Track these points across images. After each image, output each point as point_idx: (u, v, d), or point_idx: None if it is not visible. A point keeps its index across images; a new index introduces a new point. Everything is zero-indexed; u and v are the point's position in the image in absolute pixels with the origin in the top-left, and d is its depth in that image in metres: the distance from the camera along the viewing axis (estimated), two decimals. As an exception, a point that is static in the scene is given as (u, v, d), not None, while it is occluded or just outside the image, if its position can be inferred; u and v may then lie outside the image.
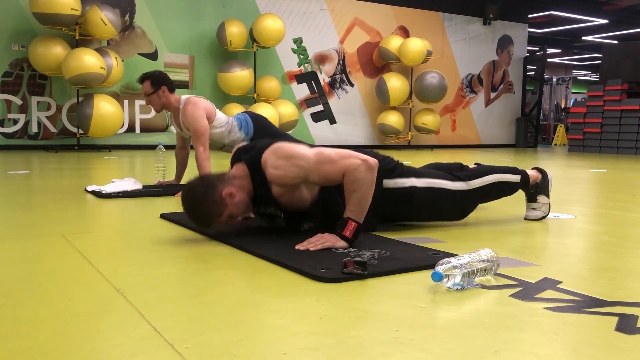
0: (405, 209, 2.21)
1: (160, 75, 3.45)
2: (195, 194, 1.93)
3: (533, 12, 14.43)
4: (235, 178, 1.98)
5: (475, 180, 2.30)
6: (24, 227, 2.24)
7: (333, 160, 1.89)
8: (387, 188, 2.15)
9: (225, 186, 1.93)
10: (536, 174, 2.51)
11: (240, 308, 1.25)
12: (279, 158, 1.91)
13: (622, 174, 5.55)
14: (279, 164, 1.90)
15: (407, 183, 2.18)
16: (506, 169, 2.41)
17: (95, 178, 4.35)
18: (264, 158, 1.93)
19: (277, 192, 1.95)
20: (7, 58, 8.24)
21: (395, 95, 10.53)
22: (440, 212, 2.30)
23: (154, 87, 3.40)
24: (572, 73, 25.28)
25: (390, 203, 2.17)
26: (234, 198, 1.94)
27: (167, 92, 3.42)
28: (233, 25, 9.11)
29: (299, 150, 1.93)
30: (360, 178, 1.84)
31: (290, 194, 1.96)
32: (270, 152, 1.93)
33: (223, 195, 1.91)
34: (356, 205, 1.85)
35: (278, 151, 1.93)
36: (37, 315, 1.19)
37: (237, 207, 1.96)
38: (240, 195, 1.96)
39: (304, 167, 1.89)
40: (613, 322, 1.18)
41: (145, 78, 3.42)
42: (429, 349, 1.03)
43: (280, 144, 1.97)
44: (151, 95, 3.41)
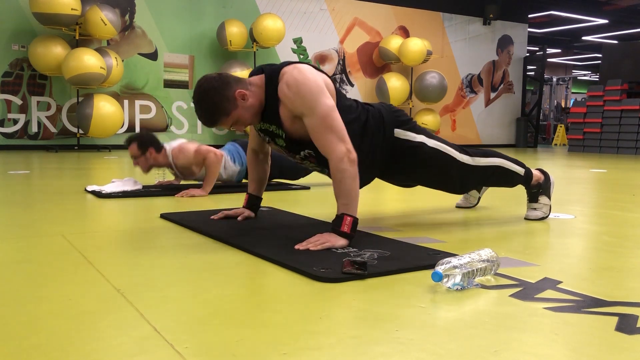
0: (410, 162, 2.20)
1: (146, 138, 3.39)
2: (209, 84, 1.90)
3: (533, 12, 14.43)
4: (252, 84, 1.96)
5: (481, 158, 2.31)
6: (24, 227, 2.23)
7: (329, 131, 1.85)
8: (397, 137, 2.14)
9: (241, 87, 1.91)
10: (539, 175, 2.51)
11: (240, 308, 1.25)
12: (295, 79, 1.87)
13: (622, 174, 5.55)
14: (292, 83, 1.87)
15: (417, 138, 2.17)
16: (512, 159, 2.42)
17: (95, 178, 4.35)
18: (284, 71, 1.90)
19: (283, 112, 1.92)
20: (7, 58, 8.24)
21: (395, 95, 10.53)
22: (442, 177, 2.28)
23: (141, 150, 3.34)
24: (572, 73, 25.29)
25: (397, 153, 2.16)
26: (246, 101, 1.91)
27: (154, 154, 3.37)
28: (233, 25, 9.11)
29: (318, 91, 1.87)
30: (343, 169, 1.84)
31: (293, 119, 1.92)
32: (292, 68, 1.90)
33: (236, 94, 1.89)
34: (346, 198, 1.84)
35: (300, 73, 1.89)
36: (37, 315, 1.19)
37: (246, 111, 1.93)
38: (252, 99, 1.93)
39: (308, 106, 1.86)
40: (613, 322, 1.18)
41: (131, 141, 3.36)
42: (429, 349, 1.03)
43: (307, 67, 1.92)
44: (139, 158, 3.36)
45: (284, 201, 3.05)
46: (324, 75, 1.98)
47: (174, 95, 9.46)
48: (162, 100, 9.37)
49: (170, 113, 9.44)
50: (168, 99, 9.41)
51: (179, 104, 9.50)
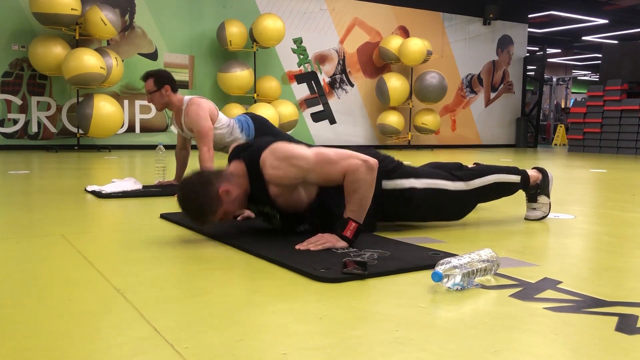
0: (405, 210, 2.21)
1: (164, 74, 3.43)
2: (191, 188, 1.92)
3: (533, 12, 14.43)
4: (233, 175, 1.97)
5: (474, 180, 2.30)
6: (24, 227, 2.23)
7: (333, 160, 1.88)
8: (385, 189, 2.15)
9: (223, 183, 1.92)
10: (536, 174, 2.50)
11: (240, 308, 1.25)
12: (277, 158, 1.90)
13: (622, 174, 5.55)
14: (278, 164, 1.89)
15: (406, 184, 2.17)
16: (506, 169, 2.41)
17: (95, 178, 4.35)
18: (263, 158, 1.92)
19: (274, 192, 1.94)
20: (7, 58, 8.24)
21: (395, 95, 10.53)
22: (440, 212, 2.30)
23: (157, 86, 3.37)
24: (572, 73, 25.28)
25: (390, 204, 2.17)
26: (231, 196, 1.93)
27: (169, 92, 3.40)
28: (233, 25, 9.11)
29: (298, 150, 1.92)
30: (360, 179, 1.84)
31: (287, 195, 1.95)
32: (269, 152, 1.92)
33: (220, 193, 1.90)
34: (357, 206, 1.85)
35: (277, 151, 1.92)
36: (37, 315, 1.19)
37: (232, 204, 1.95)
38: (236, 192, 1.95)
39: (303, 167, 1.88)
40: (613, 322, 1.18)
41: (148, 76, 3.39)
42: (429, 349, 1.03)
43: (279, 143, 1.96)
44: (153, 93, 3.39)
45: (284, 201, 3.05)
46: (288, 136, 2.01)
47: (174, 95, 9.45)
48: (162, 100, 9.35)
49: (170, 113, 9.44)
50: (168, 99, 9.40)
51: (179, 104, 9.49)
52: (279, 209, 2.00)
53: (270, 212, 2.04)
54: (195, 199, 1.90)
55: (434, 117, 11.01)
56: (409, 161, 2.32)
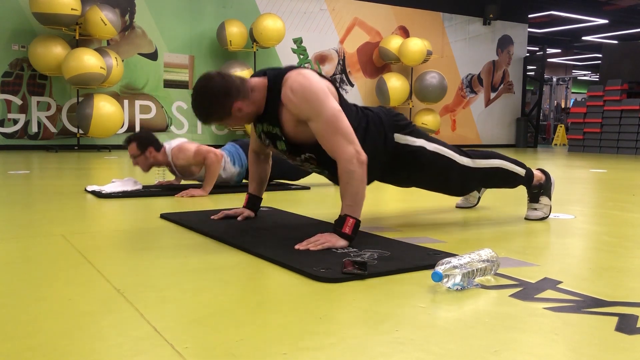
0: (410, 167, 2.20)
1: (145, 136, 3.39)
2: (210, 90, 1.93)
3: (533, 12, 14.44)
4: (253, 91, 1.97)
5: (481, 160, 2.30)
6: (24, 227, 2.24)
7: (337, 133, 1.85)
8: (397, 142, 2.14)
9: (240, 98, 1.93)
10: (540, 175, 2.51)
11: (240, 308, 1.25)
12: (299, 84, 1.87)
13: (622, 174, 5.55)
14: (297, 88, 1.87)
15: (417, 142, 2.18)
16: (513, 160, 2.41)
17: (95, 178, 4.35)
18: (288, 76, 1.91)
19: (285, 116, 1.93)
20: (7, 58, 8.25)
21: (395, 95, 10.54)
22: (443, 181, 2.28)
23: (141, 149, 3.34)
24: (572, 73, 25.29)
25: (397, 157, 2.16)
26: (242, 113, 1.95)
27: (153, 153, 3.37)
28: (233, 25, 9.11)
29: (322, 94, 1.88)
30: (352, 170, 1.84)
31: (295, 123, 1.93)
32: (296, 73, 1.91)
33: (233, 108, 1.92)
34: (352, 200, 1.84)
35: (304, 77, 1.89)
36: (37, 315, 1.19)
37: (238, 120, 1.98)
38: (248, 110, 1.96)
39: (313, 110, 1.86)
40: (613, 322, 1.18)
41: (130, 140, 3.35)
42: (429, 349, 1.03)
43: (310, 72, 1.93)
44: (138, 157, 3.36)
45: (284, 201, 3.05)
46: (327, 81, 1.99)
47: (174, 95, 9.46)
48: (162, 100, 9.37)
49: (170, 113, 9.44)
50: (168, 99, 9.41)
51: (179, 104, 9.50)
52: (286, 134, 1.98)
53: (279, 134, 2.00)
54: (209, 100, 1.92)
55: (434, 117, 11.02)
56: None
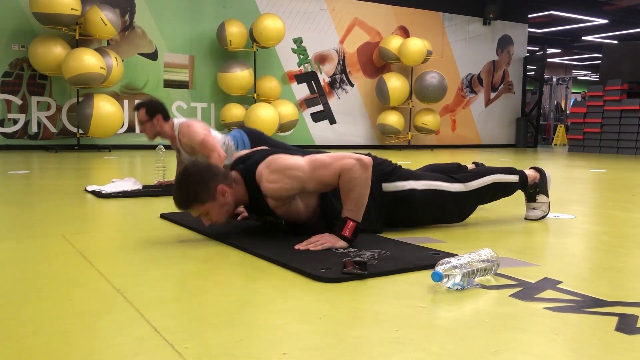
0: (406, 212, 2.21)
1: (155, 104, 3.41)
2: (196, 172, 1.91)
3: (533, 12, 14.43)
4: (235, 182, 1.98)
5: (473, 181, 2.30)
6: (24, 227, 2.23)
7: (327, 164, 1.88)
8: (387, 192, 2.15)
9: (225, 184, 1.93)
10: (534, 174, 2.51)
11: (240, 308, 1.25)
12: (273, 172, 1.89)
13: (622, 174, 5.55)
14: (274, 178, 1.89)
15: (407, 186, 2.18)
16: (504, 170, 2.41)
17: (95, 178, 4.35)
18: (259, 172, 1.92)
19: (273, 204, 1.95)
20: (7, 58, 8.24)
21: (395, 95, 10.53)
22: (440, 213, 2.30)
23: (149, 116, 3.35)
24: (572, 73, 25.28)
25: (392, 207, 2.17)
26: (225, 198, 1.92)
27: (161, 121, 3.37)
28: (233, 25, 9.11)
29: (292, 160, 1.92)
30: (355, 177, 1.84)
31: (286, 206, 1.96)
32: (264, 166, 1.92)
33: (218, 189, 1.90)
34: (353, 205, 1.85)
35: (272, 164, 1.92)
36: (37, 315, 1.19)
37: (219, 208, 1.93)
38: (230, 199, 1.95)
39: (299, 177, 1.88)
40: (613, 322, 1.18)
41: (140, 106, 3.36)
42: (429, 349, 1.03)
43: (273, 156, 1.96)
44: (146, 123, 3.36)
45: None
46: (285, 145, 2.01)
47: (174, 95, 9.46)
48: (162, 100, 9.29)
49: (170, 113, 9.41)
50: (168, 99, 9.41)
51: (179, 104, 9.50)
52: (282, 218, 2.01)
53: (275, 220, 2.05)
54: (194, 182, 1.89)
55: (434, 117, 11.01)
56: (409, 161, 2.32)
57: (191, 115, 9.54)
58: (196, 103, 9.62)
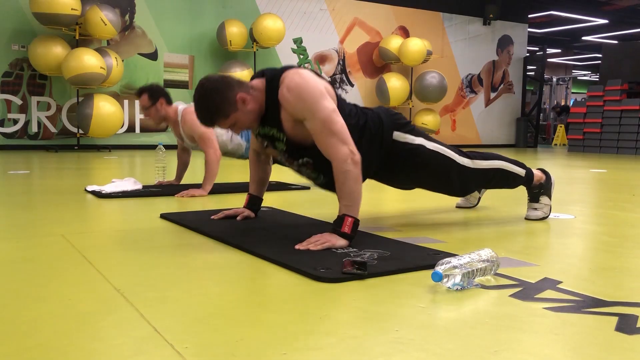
0: (410, 166, 2.19)
1: (157, 88, 3.40)
2: (212, 85, 1.90)
3: (533, 12, 14.44)
4: (253, 88, 1.97)
5: (481, 161, 2.30)
6: (24, 227, 2.23)
7: (333, 133, 1.86)
8: (396, 140, 2.14)
9: (243, 91, 1.92)
10: (540, 175, 2.51)
11: (240, 308, 1.25)
12: (295, 83, 1.87)
13: (622, 174, 5.55)
14: (293, 87, 1.87)
15: (416, 141, 2.17)
16: (513, 160, 2.41)
17: (95, 178, 4.35)
18: (284, 76, 1.91)
19: (284, 116, 1.93)
20: (7, 58, 8.24)
21: (395, 95, 10.53)
22: (442, 179, 2.27)
23: (152, 100, 3.34)
24: (572, 73, 25.28)
25: (396, 156, 2.15)
26: (246, 105, 1.93)
27: (165, 105, 3.37)
28: (233, 25, 9.11)
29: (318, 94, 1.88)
30: (347, 170, 1.84)
31: (293, 123, 1.93)
32: (293, 73, 1.91)
33: (237, 98, 1.90)
34: (348, 199, 1.85)
35: (300, 77, 1.89)
36: (37, 315, 1.19)
37: (245, 115, 1.94)
38: (252, 105, 1.94)
39: (308, 110, 1.86)
40: (613, 322, 1.18)
41: (142, 91, 3.35)
42: (429, 349, 1.03)
43: (307, 72, 1.93)
44: (149, 108, 3.35)
45: (284, 201, 3.05)
46: (325, 81, 1.99)
47: (174, 95, 9.34)
48: (162, 100, 9.35)
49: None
50: (168, 99, 9.40)
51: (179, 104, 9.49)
52: (287, 134, 1.98)
53: (277, 134, 2.01)
54: (213, 96, 1.89)
55: (434, 117, 11.02)
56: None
57: (191, 115, 9.54)
58: (196, 103, 9.61)
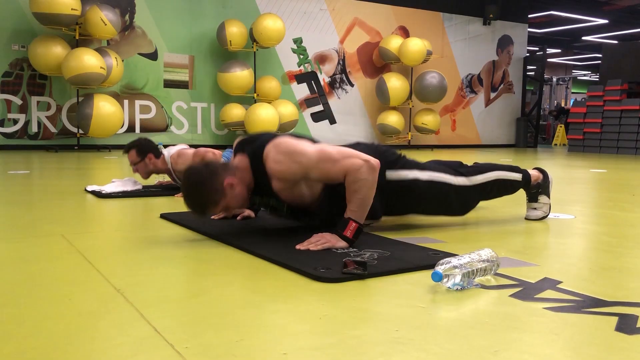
0: (408, 201, 2.20)
1: (145, 143, 3.37)
2: (197, 177, 1.91)
3: (533, 12, 14.44)
4: (238, 169, 1.98)
5: (477, 176, 2.31)
6: (24, 227, 2.23)
7: (334, 159, 1.89)
8: (390, 180, 2.14)
9: (228, 176, 1.93)
10: (537, 174, 2.51)
11: (240, 308, 1.25)
12: (280, 152, 1.90)
13: (622, 174, 5.55)
14: (280, 159, 1.90)
15: (410, 175, 2.18)
16: (508, 167, 2.42)
17: (95, 178, 4.35)
18: (266, 151, 1.92)
19: (277, 186, 1.95)
20: (7, 58, 8.24)
21: (395, 95, 10.54)
22: (443, 205, 2.28)
23: (140, 156, 3.32)
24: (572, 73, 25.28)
25: (394, 195, 2.16)
26: (234, 189, 1.93)
27: (153, 159, 3.35)
28: (233, 25, 9.11)
29: (301, 146, 1.92)
30: (362, 179, 1.85)
31: (290, 189, 1.96)
32: (272, 146, 1.93)
33: (224, 185, 1.90)
34: (357, 206, 1.85)
35: (280, 145, 1.92)
36: (37, 315, 1.19)
37: (235, 199, 1.95)
38: (240, 187, 1.95)
39: (304, 164, 1.89)
40: (613, 322, 1.18)
41: (130, 147, 3.33)
42: (429, 349, 1.03)
43: (283, 138, 1.96)
44: (138, 164, 3.34)
45: (284, 201, 3.05)
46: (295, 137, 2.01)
47: (174, 95, 9.46)
48: (162, 100, 9.37)
49: (170, 113, 9.44)
50: (168, 99, 9.41)
51: (179, 104, 9.50)
52: (285, 202, 2.01)
53: (276, 204, 2.04)
54: (200, 188, 1.90)
55: (434, 117, 11.02)
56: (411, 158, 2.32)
57: (191, 115, 9.55)
58: (196, 103, 9.62)
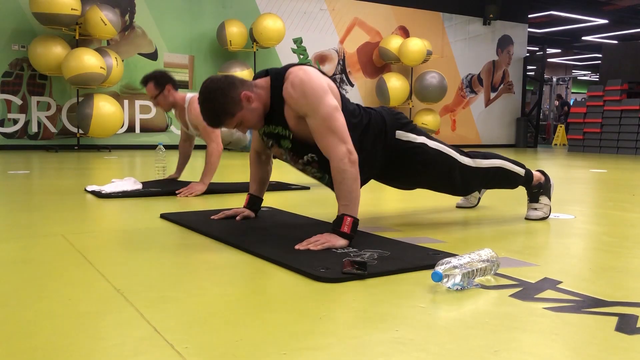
0: (412, 164, 2.20)
1: (162, 75, 3.38)
2: (216, 85, 1.92)
3: (533, 12, 14.43)
4: (256, 86, 1.98)
5: (482, 160, 2.32)
6: (24, 227, 2.23)
7: (332, 133, 1.87)
8: (398, 139, 2.16)
9: (246, 89, 1.93)
10: (539, 175, 2.53)
11: (240, 308, 1.25)
12: (301, 80, 1.89)
13: (622, 174, 5.55)
14: (297, 83, 1.88)
15: (418, 140, 2.19)
16: (513, 161, 2.44)
17: (95, 178, 4.35)
18: (289, 72, 1.92)
19: (288, 113, 1.94)
20: (7, 58, 8.24)
21: (395, 95, 10.53)
22: (444, 178, 2.27)
23: (159, 88, 3.32)
24: (572, 73, 25.28)
25: (399, 155, 2.16)
26: (251, 103, 1.94)
27: (172, 91, 3.36)
28: (233, 25, 9.11)
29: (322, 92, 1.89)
30: (344, 170, 1.85)
31: (297, 120, 1.94)
32: (298, 69, 1.92)
33: (242, 96, 1.91)
34: (347, 199, 1.85)
35: (305, 73, 1.90)
36: (37, 315, 1.19)
37: (251, 113, 1.95)
38: (256, 103, 1.96)
39: (310, 107, 1.87)
40: (613, 322, 1.18)
41: (147, 80, 3.32)
42: (429, 349, 1.03)
43: (312, 71, 1.94)
44: (158, 96, 3.34)
45: (284, 201, 3.05)
46: (329, 79, 2.00)
47: (174, 95, 9.45)
48: (162, 100, 9.35)
49: (170, 113, 9.41)
50: (168, 99, 9.40)
51: (179, 104, 9.49)
52: (292, 131, 1.99)
53: (282, 132, 2.02)
54: (217, 97, 1.90)
55: (434, 117, 11.01)
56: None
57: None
58: (196, 103, 9.61)
